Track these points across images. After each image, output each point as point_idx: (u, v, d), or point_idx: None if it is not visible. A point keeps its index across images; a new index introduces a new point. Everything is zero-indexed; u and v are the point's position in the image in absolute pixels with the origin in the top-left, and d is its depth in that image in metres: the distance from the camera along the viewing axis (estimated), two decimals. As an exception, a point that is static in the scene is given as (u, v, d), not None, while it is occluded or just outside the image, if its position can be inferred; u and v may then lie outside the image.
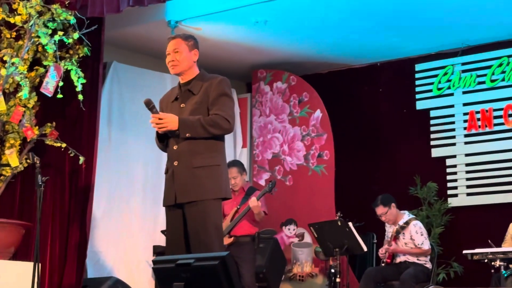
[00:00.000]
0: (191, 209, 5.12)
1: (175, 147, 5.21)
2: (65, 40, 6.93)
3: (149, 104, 5.15)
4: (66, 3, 7.01)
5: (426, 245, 7.80)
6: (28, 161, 7.00)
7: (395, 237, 7.90)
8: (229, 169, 7.79)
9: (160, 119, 5.13)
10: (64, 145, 7.14)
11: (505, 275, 6.99)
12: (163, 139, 5.31)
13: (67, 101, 7.18)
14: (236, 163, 8.12)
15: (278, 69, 10.08)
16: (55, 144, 7.16)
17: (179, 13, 8.23)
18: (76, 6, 7.06)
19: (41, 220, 6.30)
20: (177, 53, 5.31)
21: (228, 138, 9.71)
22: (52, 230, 7.30)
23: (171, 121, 5.11)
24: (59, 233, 7.29)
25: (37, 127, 7.11)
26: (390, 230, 8.05)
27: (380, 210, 8.00)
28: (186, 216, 5.14)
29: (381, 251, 7.98)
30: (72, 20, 6.94)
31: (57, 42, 6.86)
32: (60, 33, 6.87)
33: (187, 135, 5.12)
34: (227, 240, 7.73)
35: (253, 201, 7.65)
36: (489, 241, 7.47)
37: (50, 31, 6.85)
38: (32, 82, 7.07)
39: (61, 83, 6.93)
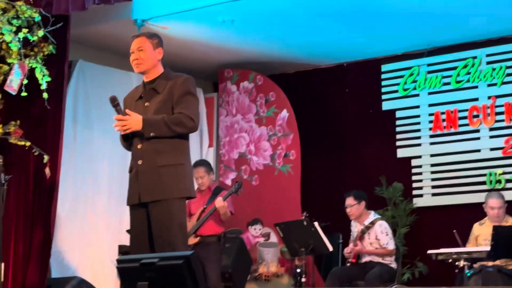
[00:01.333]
0: (155, 208, 5.09)
1: (139, 146, 5.18)
2: (30, 37, 6.87)
3: (113, 101, 5.12)
4: (31, 0, 6.94)
5: (391, 245, 7.83)
6: (-9, 159, 6.92)
7: (360, 237, 7.92)
8: (196, 169, 7.79)
9: (122, 120, 5.08)
10: (28, 143, 7.07)
11: (468, 274, 7.05)
12: (128, 138, 5.28)
13: (31, 99, 7.11)
14: (203, 163, 8.10)
15: (245, 69, 10.07)
16: (19, 143, 7.08)
17: (146, 12, 8.19)
18: (41, 4, 7.00)
19: (4, 219, 6.24)
20: (141, 51, 5.28)
21: (194, 137, 9.77)
22: (15, 229, 7.22)
23: (135, 121, 5.07)
24: (23, 232, 7.22)
25: (0, 126, 7.03)
26: (355, 230, 8.07)
27: (349, 201, 8.02)
28: (150, 215, 5.12)
29: (347, 250, 8.00)
30: (37, 17, 6.88)
31: (21, 39, 6.80)
32: (25, 30, 6.81)
33: (151, 134, 5.10)
34: (193, 240, 7.72)
35: (219, 202, 7.63)
36: (454, 231, 7.52)
37: (14, 29, 6.78)
38: (-4, 80, 7.00)
39: (25, 81, 6.87)
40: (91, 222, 8.71)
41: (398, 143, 9.35)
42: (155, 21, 8.25)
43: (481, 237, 7.77)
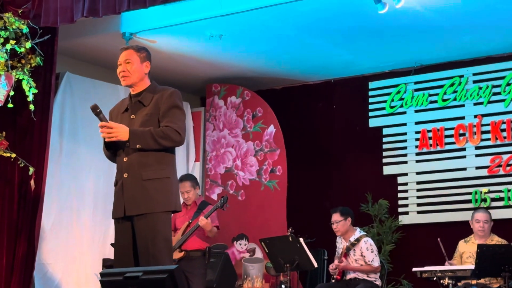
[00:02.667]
0: (140, 222, 5.07)
1: (125, 159, 5.16)
2: (17, 49, 6.86)
3: (95, 109, 5.09)
4: (19, 11, 6.94)
5: (376, 262, 7.83)
6: (-24, 171, 6.91)
7: (346, 254, 7.91)
8: (182, 183, 7.77)
9: (109, 127, 5.07)
10: (13, 155, 7.06)
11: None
12: (111, 147, 5.26)
13: (18, 111, 7.11)
14: (189, 177, 8.08)
15: (233, 84, 10.08)
16: (4, 154, 7.07)
17: (134, 25, 8.19)
18: (29, 15, 7.00)
19: (-12, 231, 6.22)
20: (128, 64, 5.27)
21: (181, 151, 9.75)
22: (-1, 241, 7.20)
23: (122, 131, 5.06)
24: (7, 244, 7.19)
25: (-14, 137, 7.02)
26: (340, 246, 8.06)
27: (336, 217, 8.00)
28: (135, 228, 5.10)
29: (332, 266, 7.98)
30: (25, 29, 6.88)
31: (9, 51, 6.79)
32: (12, 42, 6.81)
33: (137, 146, 5.08)
34: (178, 254, 7.68)
35: (201, 220, 7.59)
36: (438, 240, 7.53)
37: (2, 40, 6.78)
38: (-18, 91, 6.98)
39: (12, 93, 6.86)
40: (76, 235, 8.67)
41: (384, 160, 9.37)
42: (143, 34, 8.25)
43: (465, 254, 7.79)
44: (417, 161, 9.18)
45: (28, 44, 6.89)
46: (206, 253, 7.77)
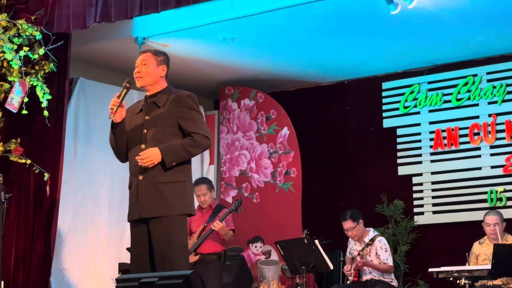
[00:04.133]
0: (156, 225, 5.07)
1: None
2: (31, 55, 6.89)
3: (129, 83, 5.19)
4: (32, 18, 6.97)
5: (390, 262, 7.80)
6: (-9, 178, 6.93)
7: (361, 255, 7.87)
8: (198, 186, 7.78)
9: (142, 158, 5.08)
10: (28, 161, 7.09)
11: (470, 293, 7.02)
12: (121, 147, 5.29)
13: (32, 117, 7.14)
14: (205, 180, 8.09)
15: (246, 86, 10.08)
16: (19, 161, 7.10)
17: (147, 30, 8.21)
18: (42, 22, 7.03)
19: (5, 237, 6.25)
20: (144, 66, 5.30)
21: (195, 155, 9.73)
22: (16, 247, 7.22)
23: (154, 155, 5.04)
24: (23, 250, 7.22)
25: (1, 143, 7.05)
26: (355, 247, 8.04)
27: (348, 224, 7.98)
28: (151, 232, 5.10)
29: (346, 268, 7.97)
30: (38, 35, 6.91)
31: (22, 57, 6.83)
32: (26, 48, 6.84)
33: (173, 164, 5.09)
34: (193, 258, 7.69)
35: (216, 225, 7.59)
36: (467, 254, 7.51)
37: (15, 47, 6.81)
38: (-4, 98, 7.02)
39: (26, 99, 6.89)
40: (92, 239, 8.70)
41: (399, 161, 9.35)
42: (155, 39, 8.27)
43: (481, 257, 7.74)
44: (432, 161, 9.15)
45: (41, 51, 6.92)
46: (221, 256, 7.77)
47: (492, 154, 8.81)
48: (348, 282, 7.98)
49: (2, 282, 6.15)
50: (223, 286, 7.92)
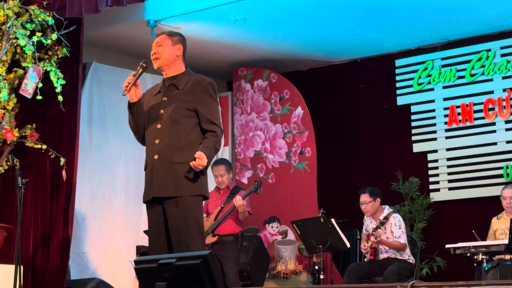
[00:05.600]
0: (171, 206, 5.10)
1: (156, 141, 5.20)
2: (44, 41, 6.90)
3: (145, 64, 5.28)
4: (44, 4, 6.97)
5: (403, 239, 7.78)
6: (8, 163, 6.96)
7: (375, 235, 7.86)
8: (216, 167, 7.81)
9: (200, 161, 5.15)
10: (44, 146, 7.11)
11: (486, 268, 7.01)
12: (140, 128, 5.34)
13: (46, 103, 7.15)
14: (224, 161, 8.11)
15: (259, 67, 10.07)
16: (35, 146, 7.13)
17: (158, 13, 8.21)
18: (54, 7, 7.03)
19: (23, 223, 6.28)
20: (160, 47, 5.34)
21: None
22: (34, 232, 7.27)
23: (205, 158, 5.11)
24: (41, 235, 7.26)
25: (17, 129, 7.08)
26: (370, 225, 8.04)
27: (364, 197, 7.97)
28: (167, 213, 5.13)
29: (363, 246, 7.97)
30: (51, 21, 6.91)
31: (35, 43, 6.83)
32: (39, 34, 6.85)
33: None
34: (211, 239, 7.72)
35: (238, 200, 7.61)
36: (473, 231, 7.50)
37: (28, 32, 6.82)
38: (11, 84, 7.04)
39: (40, 85, 6.90)
40: (109, 223, 8.74)
41: (413, 138, 9.32)
42: (167, 21, 8.27)
43: (498, 232, 7.74)
44: (447, 138, 9.13)
45: (54, 36, 6.93)
46: (238, 238, 7.80)
47: (507, 129, 8.77)
48: (365, 260, 7.99)
49: (22, 267, 6.18)
50: (240, 266, 7.94)
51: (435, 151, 9.19)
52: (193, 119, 5.23)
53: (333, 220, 7.61)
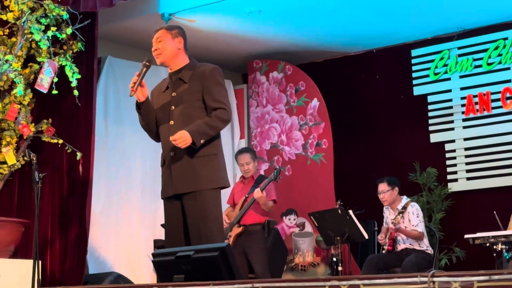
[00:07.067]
0: (189, 200, 5.09)
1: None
2: (59, 35, 6.89)
3: (149, 62, 5.23)
4: (59, -2, 6.97)
5: (420, 228, 7.74)
6: (25, 158, 6.97)
7: (394, 223, 7.83)
8: (241, 155, 7.84)
9: (174, 140, 5.09)
10: (60, 141, 7.11)
11: (507, 257, 6.97)
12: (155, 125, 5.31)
13: (62, 97, 7.15)
14: (249, 150, 8.13)
15: (274, 59, 10.05)
16: (51, 141, 7.13)
17: (173, 6, 8.21)
18: (68, 1, 7.02)
19: (40, 217, 6.27)
20: (160, 42, 5.32)
21: (225, 129, 9.67)
22: (51, 227, 7.27)
23: (186, 136, 5.05)
24: (59, 230, 7.27)
25: (33, 124, 7.08)
26: (388, 216, 8.01)
27: (383, 186, 7.94)
28: (185, 207, 5.12)
29: (380, 237, 7.94)
30: (65, 15, 6.89)
31: (50, 38, 6.82)
32: (53, 28, 6.84)
33: (201, 142, 5.10)
34: (236, 230, 7.72)
35: (257, 193, 7.60)
36: (494, 213, 7.44)
37: (43, 27, 6.81)
38: (26, 79, 7.04)
39: (55, 79, 6.90)
40: (126, 217, 8.75)
41: (431, 128, 9.28)
42: (182, 14, 8.26)
43: (518, 221, 7.69)
44: (464, 127, 9.08)
45: (69, 30, 6.92)
46: (265, 227, 7.78)
47: (525, 118, 8.74)
48: (383, 251, 7.96)
49: (40, 262, 6.18)
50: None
51: (453, 141, 9.14)
52: (204, 111, 5.22)
53: (350, 212, 7.59)
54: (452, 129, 9.15)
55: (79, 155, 7.08)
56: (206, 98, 5.19)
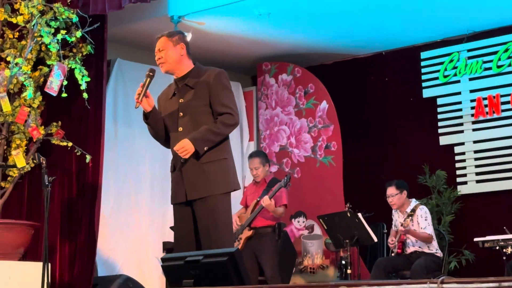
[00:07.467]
0: (200, 205, 5.10)
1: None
2: (68, 38, 6.90)
3: (151, 72, 5.23)
4: (68, 1, 6.98)
5: (429, 230, 7.73)
6: (34, 161, 6.99)
7: (403, 225, 7.82)
8: (251, 159, 7.86)
9: (177, 150, 5.08)
10: (70, 144, 7.12)
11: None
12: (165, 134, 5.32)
13: (72, 100, 7.16)
14: (259, 154, 8.13)
15: (283, 61, 10.04)
16: (61, 143, 7.14)
17: (182, 8, 8.21)
18: (78, 4, 7.04)
19: (49, 220, 6.29)
20: (163, 51, 5.29)
21: (234, 132, 9.69)
22: (61, 229, 7.28)
23: (187, 145, 5.07)
24: (68, 232, 7.28)
25: (42, 127, 7.09)
26: (397, 219, 8.00)
27: (391, 190, 7.94)
28: (196, 213, 5.12)
29: (390, 240, 7.93)
30: (75, 18, 6.91)
31: (60, 41, 6.84)
32: (63, 31, 6.85)
33: (205, 149, 5.10)
34: (247, 233, 7.73)
35: (265, 200, 7.60)
36: (505, 228, 7.42)
37: (52, 30, 6.82)
38: (36, 82, 7.05)
39: (65, 82, 6.91)
40: (135, 219, 8.76)
41: (440, 131, 9.25)
42: (191, 17, 8.27)
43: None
44: (474, 130, 9.05)
45: (78, 33, 6.93)
46: (276, 229, 7.78)
47: (535, 121, 8.71)
48: (392, 255, 7.95)
49: (49, 264, 6.20)
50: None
51: (462, 143, 9.11)
52: (212, 115, 5.22)
53: (359, 215, 7.58)
54: (462, 131, 9.12)
55: (88, 157, 7.09)
56: (213, 103, 5.19)
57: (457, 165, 9.11)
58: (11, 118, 6.99)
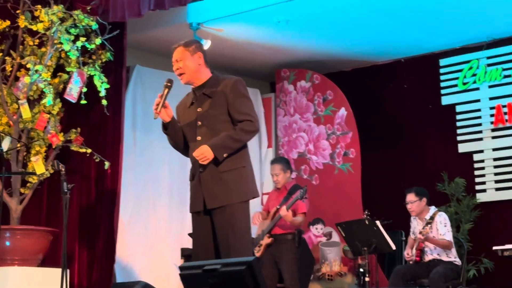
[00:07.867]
0: (219, 215, 5.08)
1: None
2: (88, 45, 6.95)
3: (170, 83, 5.18)
4: (88, 8, 7.02)
5: (448, 237, 7.69)
6: (54, 167, 7.02)
7: (422, 233, 7.78)
8: (272, 166, 7.88)
9: (197, 156, 5.09)
10: (89, 150, 7.16)
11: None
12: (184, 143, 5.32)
13: (91, 107, 7.20)
14: (280, 160, 8.12)
15: (302, 68, 10.04)
16: (80, 150, 7.18)
17: (201, 15, 8.24)
18: (98, 12, 7.07)
19: (68, 226, 6.32)
20: (181, 62, 5.27)
21: (253, 138, 9.77)
22: (79, 235, 7.32)
23: (207, 151, 5.06)
24: (87, 239, 7.32)
25: (62, 134, 7.14)
26: (416, 226, 7.97)
27: (411, 197, 7.91)
28: (214, 221, 5.11)
29: (407, 253, 7.89)
30: (94, 25, 6.95)
31: (79, 48, 6.88)
32: (83, 39, 6.89)
33: (224, 155, 5.09)
34: (267, 240, 7.72)
35: (283, 211, 7.59)
36: None
37: (72, 37, 6.87)
38: (56, 89, 7.10)
39: (84, 89, 6.96)
40: (153, 226, 8.78)
41: (459, 138, 9.22)
42: (210, 24, 8.29)
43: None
44: (493, 137, 9.01)
45: (98, 40, 6.97)
46: (295, 236, 7.77)
47: (554, 129, 8.66)
48: (410, 262, 7.92)
49: (68, 271, 6.22)
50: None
51: (481, 151, 9.08)
52: (231, 124, 5.21)
53: (378, 222, 7.56)
54: (481, 139, 9.08)
55: (107, 164, 7.12)
56: (231, 111, 5.18)
57: (476, 172, 9.08)
58: (31, 124, 7.04)
